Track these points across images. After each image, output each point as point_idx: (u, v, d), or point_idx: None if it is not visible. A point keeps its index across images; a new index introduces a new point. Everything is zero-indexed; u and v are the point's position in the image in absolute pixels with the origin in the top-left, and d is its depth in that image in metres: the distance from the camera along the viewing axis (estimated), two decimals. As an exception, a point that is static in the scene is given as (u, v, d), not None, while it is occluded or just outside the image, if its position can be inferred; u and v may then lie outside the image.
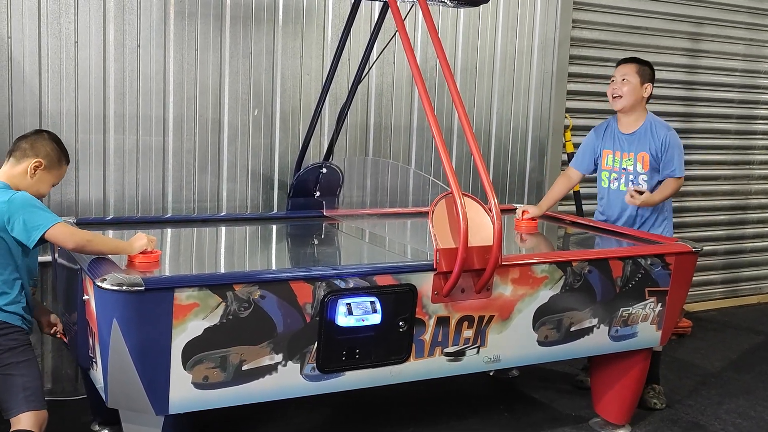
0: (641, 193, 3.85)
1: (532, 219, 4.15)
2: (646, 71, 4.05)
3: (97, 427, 3.58)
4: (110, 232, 3.48)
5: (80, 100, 3.82)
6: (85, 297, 2.82)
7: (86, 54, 3.82)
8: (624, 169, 4.05)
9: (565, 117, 5.27)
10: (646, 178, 3.99)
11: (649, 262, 3.57)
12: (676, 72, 5.77)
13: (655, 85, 4.07)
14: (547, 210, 4.24)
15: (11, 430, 2.79)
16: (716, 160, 6.16)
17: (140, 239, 2.90)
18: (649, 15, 5.55)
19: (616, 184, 4.09)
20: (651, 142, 3.97)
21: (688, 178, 5.91)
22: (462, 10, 4.77)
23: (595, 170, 4.24)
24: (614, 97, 4.05)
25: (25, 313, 2.94)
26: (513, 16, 4.99)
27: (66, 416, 3.72)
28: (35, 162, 2.93)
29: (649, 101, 4.09)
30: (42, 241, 2.81)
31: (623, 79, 4.02)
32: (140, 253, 2.89)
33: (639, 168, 4.00)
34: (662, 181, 3.96)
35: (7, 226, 2.80)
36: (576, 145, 5.25)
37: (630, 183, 4.02)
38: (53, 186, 3.06)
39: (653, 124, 4.02)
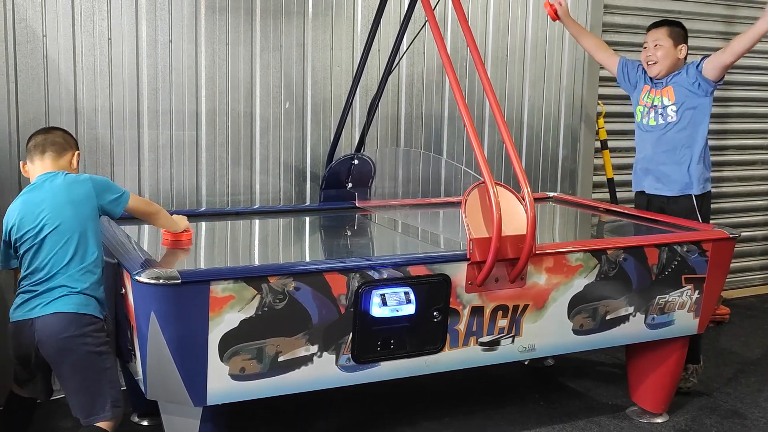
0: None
1: (559, 4, 4.24)
2: (679, 33, 4.00)
3: (136, 418, 3.63)
4: (146, 226, 3.53)
5: (114, 97, 3.87)
6: (123, 291, 2.86)
7: (119, 51, 3.86)
8: (654, 105, 4.03)
9: (598, 103, 5.22)
10: (675, 109, 3.95)
11: (685, 249, 3.53)
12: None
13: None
14: (571, 23, 4.34)
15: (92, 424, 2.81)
16: (753, 144, 6.07)
17: (183, 219, 3.26)
18: (682, -2, 5.48)
19: (646, 118, 4.07)
20: (681, 77, 3.94)
21: (725, 164, 5.88)
22: (492, -2, 4.75)
23: (622, 79, 4.24)
24: (649, 64, 4.02)
25: (106, 307, 2.96)
26: (544, 2, 4.94)
27: (106, 408, 3.78)
28: (76, 154, 3.06)
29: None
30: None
31: (656, 45, 3.98)
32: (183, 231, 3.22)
33: (666, 101, 3.97)
34: (693, 111, 3.94)
35: (98, 199, 2.88)
36: (609, 132, 5.22)
37: (660, 117, 4.00)
38: None
39: (686, 65, 4.00)
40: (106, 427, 2.82)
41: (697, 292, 3.60)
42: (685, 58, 4.02)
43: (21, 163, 3.09)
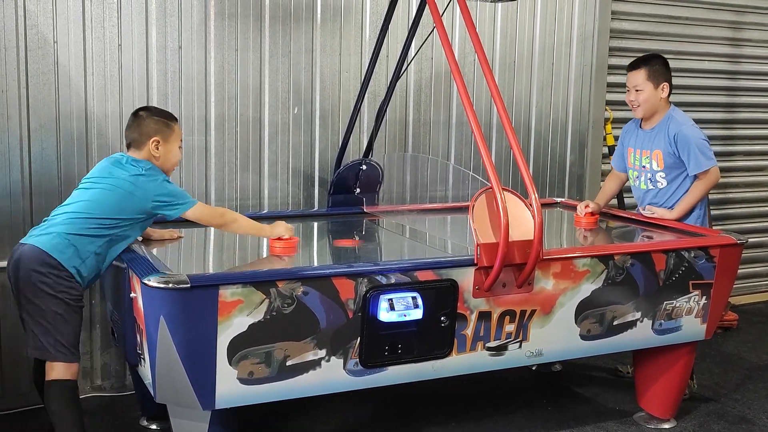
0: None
1: (592, 214, 4.12)
2: (658, 71, 3.91)
3: (145, 422, 3.64)
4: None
5: (124, 102, 3.89)
6: (133, 295, 2.88)
7: (129, 56, 3.89)
8: (643, 167, 4.00)
9: (605, 109, 5.22)
10: (664, 176, 3.92)
11: (692, 255, 3.53)
12: (718, 62, 5.69)
13: (696, 76, 4.01)
14: (604, 206, 4.21)
15: (47, 379, 2.90)
16: (761, 150, 6.06)
17: (280, 225, 3.24)
18: (690, 4, 5.47)
19: (638, 182, 4.06)
20: (664, 140, 3.88)
21: (732, 170, 5.86)
22: (499, 4, 4.76)
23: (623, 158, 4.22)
24: (633, 107, 3.98)
25: (88, 273, 2.97)
26: (551, 8, 4.96)
27: (115, 411, 3.80)
28: (152, 142, 3.09)
29: (673, 93, 3.96)
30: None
31: (636, 90, 3.92)
32: (278, 238, 3.20)
33: (655, 166, 3.93)
34: (683, 176, 3.89)
35: (150, 202, 2.98)
36: (616, 138, 5.22)
37: (649, 182, 3.98)
38: (181, 147, 3.22)
39: (670, 120, 3.90)
40: (61, 375, 2.89)
41: (704, 297, 3.60)
42: (669, 93, 3.94)
43: None
